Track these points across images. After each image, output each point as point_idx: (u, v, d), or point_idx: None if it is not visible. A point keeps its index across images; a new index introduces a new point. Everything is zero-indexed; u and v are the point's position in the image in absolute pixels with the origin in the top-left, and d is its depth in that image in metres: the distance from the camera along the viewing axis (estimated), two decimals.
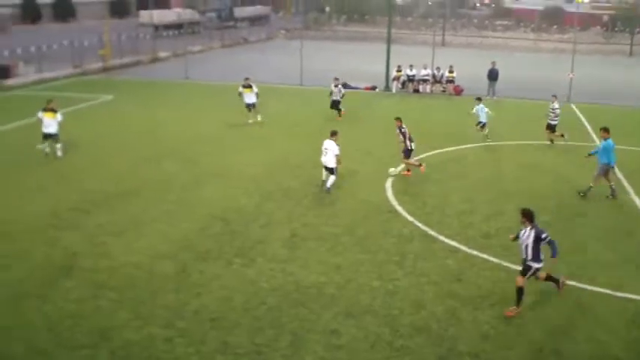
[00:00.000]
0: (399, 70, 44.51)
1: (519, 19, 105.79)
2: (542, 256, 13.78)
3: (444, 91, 43.52)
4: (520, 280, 13.76)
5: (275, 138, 28.93)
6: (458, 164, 25.36)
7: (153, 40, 62.75)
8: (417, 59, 44.75)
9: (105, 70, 52.22)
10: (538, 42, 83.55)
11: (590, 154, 22.45)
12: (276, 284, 14.95)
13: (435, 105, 39.11)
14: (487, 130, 28.78)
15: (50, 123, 24.72)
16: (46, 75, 46.94)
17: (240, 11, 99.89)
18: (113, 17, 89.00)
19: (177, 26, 78.34)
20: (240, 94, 31.75)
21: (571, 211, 20.33)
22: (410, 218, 19.27)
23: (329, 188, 21.34)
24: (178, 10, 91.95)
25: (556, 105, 28.72)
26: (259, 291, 14.63)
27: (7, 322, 13.29)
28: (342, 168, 21.95)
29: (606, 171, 21.46)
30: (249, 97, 31.59)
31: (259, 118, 31.74)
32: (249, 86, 31.61)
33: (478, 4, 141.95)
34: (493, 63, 42.52)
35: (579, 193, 21.57)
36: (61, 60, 49.79)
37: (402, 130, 23.17)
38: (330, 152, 21.18)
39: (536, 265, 13.77)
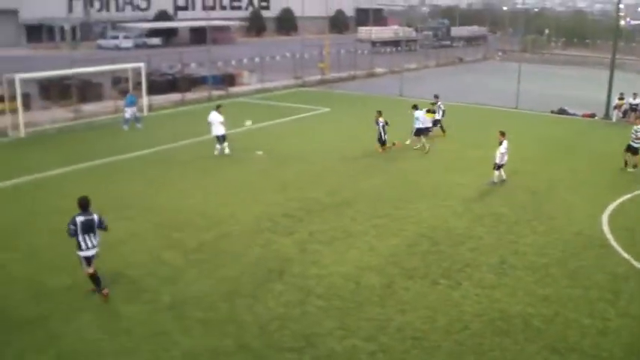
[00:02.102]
0: (621, 98, 42.35)
1: None
2: None
3: None
4: None
5: (485, 161, 28.45)
6: None
7: (370, 55, 63.97)
8: None
9: (323, 82, 53.96)
10: None
11: None
12: (480, 310, 14.74)
13: None
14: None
15: (219, 127, 27.41)
16: (268, 85, 49.31)
17: (457, 31, 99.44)
18: (333, 32, 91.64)
19: (395, 43, 79.29)
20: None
21: None
22: (626, 255, 18.24)
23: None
24: (396, 27, 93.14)
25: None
26: (463, 315, 14.49)
27: (220, 317, 14.11)
28: (552, 197, 21.23)
29: None
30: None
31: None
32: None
33: None
34: None
35: None
36: (283, 71, 52.07)
37: (380, 123, 28.68)
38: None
39: None
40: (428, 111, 30.92)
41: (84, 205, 14.61)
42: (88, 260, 14.70)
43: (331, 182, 24.29)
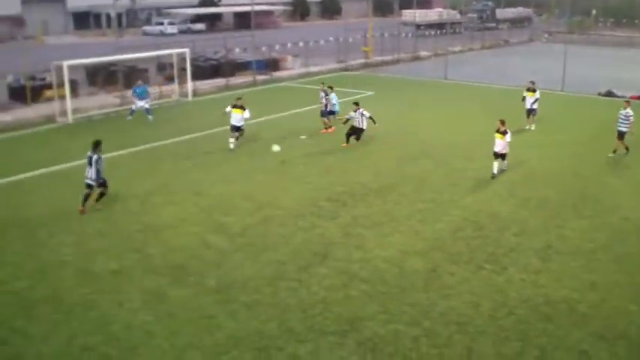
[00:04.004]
0: None
1: None
2: None
3: None
4: None
5: (534, 144, 28.16)
6: None
7: (414, 38, 63.58)
8: None
9: (367, 66, 53.82)
10: None
11: None
12: (525, 295, 14.64)
13: None
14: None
15: (237, 118, 26.42)
16: (312, 69, 49.38)
17: (502, 13, 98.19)
18: (376, 15, 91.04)
19: (439, 26, 78.60)
20: (524, 98, 31.21)
21: None
22: None
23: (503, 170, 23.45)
24: (440, 9, 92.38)
25: (629, 112, 25.69)
26: (508, 300, 14.41)
27: (265, 301, 14.24)
28: (599, 181, 20.95)
29: None
30: (529, 102, 30.96)
31: (532, 127, 30.99)
32: (534, 90, 31.01)
33: None
34: None
35: None
36: (326, 55, 52.05)
37: (362, 112, 27.14)
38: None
39: None
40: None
41: (93, 145, 19.10)
42: (86, 185, 19.20)
43: (375, 166, 24.26)
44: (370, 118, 27.18)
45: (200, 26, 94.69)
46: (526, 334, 13.09)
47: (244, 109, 26.47)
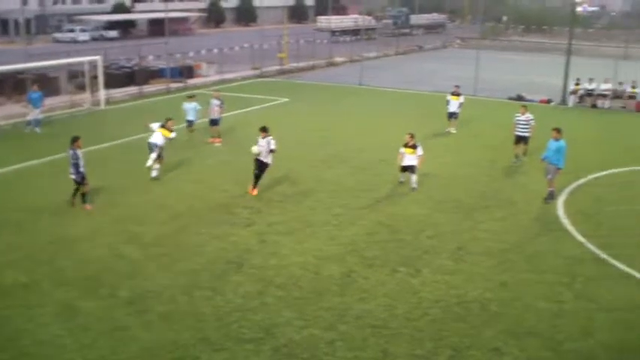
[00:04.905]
0: (577, 84, 42.91)
1: None
2: None
3: (623, 108, 41.48)
4: None
5: (448, 148, 28.68)
6: (637, 186, 24.14)
7: (329, 45, 63.97)
8: (597, 73, 42.97)
9: (282, 72, 53.86)
10: None
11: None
12: (439, 296, 14.88)
13: (614, 121, 37.31)
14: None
15: (160, 137, 23.23)
16: (227, 76, 49.05)
17: (417, 19, 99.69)
18: (292, 22, 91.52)
19: (354, 32, 79.33)
20: (447, 102, 31.78)
21: None
22: (582, 239, 18.54)
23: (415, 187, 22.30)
24: (356, 16, 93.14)
25: (529, 116, 26.14)
26: (422, 302, 14.62)
27: (180, 309, 14.06)
28: (511, 183, 21.45)
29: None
30: (454, 106, 31.53)
31: (453, 130, 31.56)
32: (458, 94, 31.61)
33: None
34: None
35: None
36: (241, 62, 51.88)
37: (269, 141, 21.37)
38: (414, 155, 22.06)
39: None
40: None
41: (71, 141, 19.87)
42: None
43: (291, 173, 24.23)
44: (272, 151, 21.57)
45: (113, 33, 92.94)
46: (440, 334, 13.29)
47: (172, 131, 23.83)
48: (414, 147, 22.03)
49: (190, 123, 28.92)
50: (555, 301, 14.86)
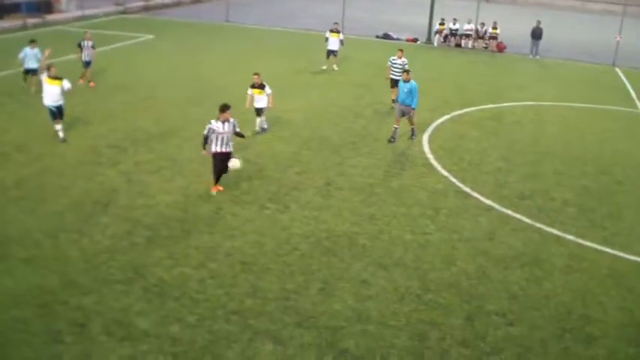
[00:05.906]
0: (441, 24, 43.92)
1: None
2: None
3: (486, 48, 42.94)
4: None
5: (316, 86, 28.78)
6: (496, 122, 25.11)
7: None
8: (461, 13, 44.07)
9: (147, 9, 52.20)
10: (585, 3, 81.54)
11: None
12: (308, 231, 15.03)
13: (476, 61, 38.55)
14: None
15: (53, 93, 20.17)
16: (88, 12, 47.01)
17: None
18: None
19: None
20: (326, 39, 31.64)
21: (610, 178, 20.05)
22: (445, 173, 19.19)
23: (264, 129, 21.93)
24: None
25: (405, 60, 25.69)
26: (291, 237, 14.72)
27: (45, 254, 13.52)
28: (377, 121, 21.77)
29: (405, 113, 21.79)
30: (334, 44, 31.44)
31: (335, 67, 31.58)
32: (337, 32, 31.51)
33: None
34: (538, 22, 41.76)
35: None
36: None
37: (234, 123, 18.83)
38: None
39: None
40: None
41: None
42: None
43: (157, 111, 23.67)
44: (238, 134, 17.71)
45: None
46: (310, 268, 13.44)
47: (62, 80, 20.32)
48: (261, 87, 21.37)
49: (33, 72, 25.10)
50: (421, 233, 15.33)
